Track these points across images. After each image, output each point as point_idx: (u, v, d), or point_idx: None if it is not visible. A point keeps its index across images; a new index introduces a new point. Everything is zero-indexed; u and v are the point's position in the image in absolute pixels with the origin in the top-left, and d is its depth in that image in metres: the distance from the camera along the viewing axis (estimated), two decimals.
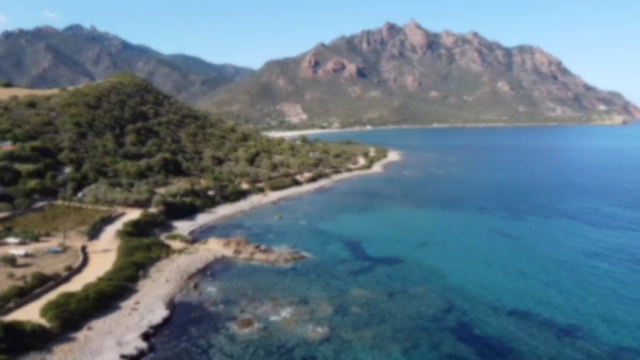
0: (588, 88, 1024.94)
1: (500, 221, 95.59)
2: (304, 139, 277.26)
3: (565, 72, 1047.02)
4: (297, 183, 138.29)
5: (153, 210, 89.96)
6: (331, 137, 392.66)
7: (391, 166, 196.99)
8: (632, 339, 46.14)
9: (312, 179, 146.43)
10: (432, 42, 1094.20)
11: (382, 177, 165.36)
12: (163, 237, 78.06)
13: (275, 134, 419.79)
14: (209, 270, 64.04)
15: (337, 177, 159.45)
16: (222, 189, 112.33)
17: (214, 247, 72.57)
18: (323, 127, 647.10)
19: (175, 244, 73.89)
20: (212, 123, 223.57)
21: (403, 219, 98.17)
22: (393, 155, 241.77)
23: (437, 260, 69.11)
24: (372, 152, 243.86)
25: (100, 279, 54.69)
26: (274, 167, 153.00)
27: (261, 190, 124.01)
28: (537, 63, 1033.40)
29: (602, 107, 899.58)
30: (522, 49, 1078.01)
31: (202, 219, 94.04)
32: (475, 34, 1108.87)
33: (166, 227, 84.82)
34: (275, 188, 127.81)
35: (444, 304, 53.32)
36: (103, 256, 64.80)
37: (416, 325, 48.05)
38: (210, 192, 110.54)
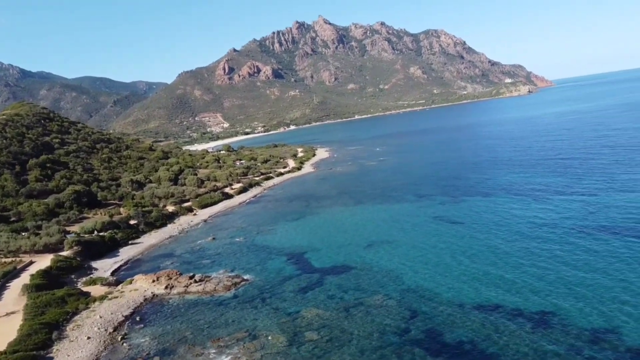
0: (493, 63, 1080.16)
1: (441, 207, 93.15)
2: (229, 148, 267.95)
3: (470, 50, 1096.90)
4: (227, 196, 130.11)
5: (66, 253, 79.18)
6: (257, 142, 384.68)
7: (322, 164, 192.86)
8: (603, 319, 43.41)
9: (243, 190, 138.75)
10: (342, 35, 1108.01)
11: (315, 177, 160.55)
12: (81, 283, 68.05)
13: (199, 147, 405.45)
14: (139, 316, 55.60)
15: (268, 183, 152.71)
16: (145, 215, 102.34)
17: (142, 286, 63.87)
18: (247, 133, 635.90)
19: (96, 290, 64.35)
20: (127, 144, 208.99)
21: (344, 220, 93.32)
22: (322, 153, 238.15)
23: (388, 261, 64.62)
24: (300, 153, 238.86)
25: (1, 354, 45.03)
26: (201, 182, 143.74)
27: (189, 210, 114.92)
28: (444, 45, 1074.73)
29: (508, 80, 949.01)
30: (427, 33, 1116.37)
31: (126, 253, 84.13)
32: (383, 24, 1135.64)
33: (84, 270, 74.45)
34: (204, 205, 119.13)
35: (406, 311, 48.60)
36: (6, 322, 54.45)
37: (381, 343, 42.85)
38: (132, 221, 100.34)
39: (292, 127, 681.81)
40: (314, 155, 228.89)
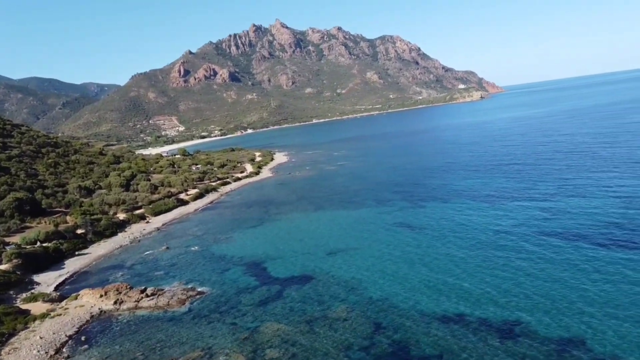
0: (446, 70, 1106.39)
1: (402, 212, 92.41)
2: (184, 152, 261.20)
3: (424, 57, 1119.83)
4: (182, 203, 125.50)
5: (5, 266, 73.36)
6: (213, 146, 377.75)
7: (280, 169, 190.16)
8: (564, 330, 42.95)
9: (199, 196, 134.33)
10: (300, 40, 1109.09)
11: (274, 181, 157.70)
12: (20, 300, 62.86)
13: (153, 151, 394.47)
14: (84, 335, 51.46)
15: (226, 188, 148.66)
16: (94, 224, 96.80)
17: (89, 302, 59.52)
18: (203, 137, 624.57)
19: (37, 307, 59.47)
20: (75, 149, 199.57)
21: (304, 227, 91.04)
22: (280, 157, 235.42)
23: (350, 270, 62.83)
24: (258, 157, 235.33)
25: None
26: (154, 188, 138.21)
27: (142, 217, 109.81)
28: (399, 51, 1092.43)
29: (461, 86, 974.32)
30: (383, 39, 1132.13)
31: (72, 265, 78.83)
32: (340, 29, 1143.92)
33: (25, 285, 68.98)
34: (158, 212, 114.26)
35: (371, 325, 46.80)
36: None
37: None
38: (80, 231, 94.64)
39: (250, 131, 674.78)
40: (272, 159, 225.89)
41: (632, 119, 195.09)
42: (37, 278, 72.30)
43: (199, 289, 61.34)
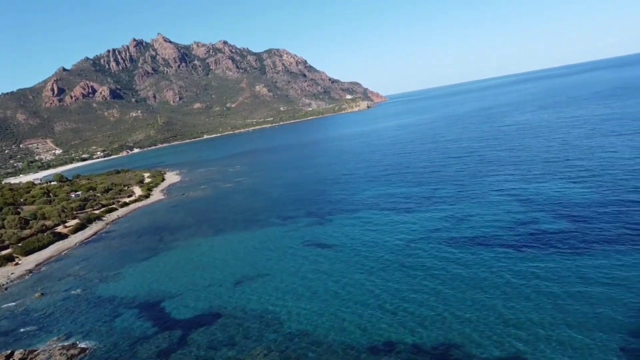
0: (333, 81, 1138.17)
1: (309, 229, 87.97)
2: (62, 178, 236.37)
3: (311, 69, 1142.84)
4: (60, 237, 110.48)
5: None
6: (96, 169, 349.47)
7: (173, 189, 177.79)
8: (497, 348, 40.69)
9: (80, 227, 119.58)
10: (185, 54, 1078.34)
11: (166, 204, 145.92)
12: None
13: (25, 178, 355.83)
14: None
15: (112, 216, 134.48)
16: None
17: None
18: (84, 160, 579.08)
19: None
20: None
21: (205, 254, 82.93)
22: (172, 177, 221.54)
23: (262, 301, 56.68)
24: (147, 178, 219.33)
25: None
26: (25, 222, 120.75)
27: (9, 259, 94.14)
28: (286, 64, 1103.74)
29: (348, 97, 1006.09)
30: (270, 52, 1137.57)
31: None
32: (226, 43, 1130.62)
33: None
34: (29, 251, 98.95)
35: None
36: None
37: None
38: None
39: (137, 150, 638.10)
40: (163, 179, 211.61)
41: (505, 122, 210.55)
42: None
43: (82, 345, 51.44)
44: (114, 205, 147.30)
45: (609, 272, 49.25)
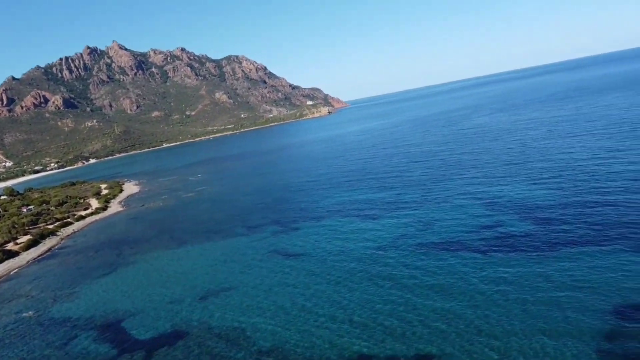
0: (294, 87, 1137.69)
1: (275, 238, 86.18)
2: (12, 192, 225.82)
3: (272, 76, 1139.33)
4: (10, 255, 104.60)
5: None
6: (50, 181, 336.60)
7: (132, 201, 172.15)
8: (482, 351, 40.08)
9: (33, 243, 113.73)
10: (141, 62, 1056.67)
11: (126, 216, 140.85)
12: None
13: None
14: None
15: (67, 230, 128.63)
16: None
17: None
18: (37, 172, 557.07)
19: None
20: None
21: (168, 268, 79.84)
22: (130, 188, 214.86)
23: (228, 317, 54.59)
24: (105, 189, 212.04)
25: None
26: None
27: None
28: (246, 71, 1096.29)
29: (309, 103, 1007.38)
30: (229, 59, 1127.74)
31: None
32: (184, 50, 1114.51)
33: None
34: None
35: None
36: None
37: None
38: None
39: (93, 161, 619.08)
40: (122, 190, 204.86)
41: (464, 125, 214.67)
42: None
43: None
44: (69, 219, 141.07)
45: (574, 274, 49.71)
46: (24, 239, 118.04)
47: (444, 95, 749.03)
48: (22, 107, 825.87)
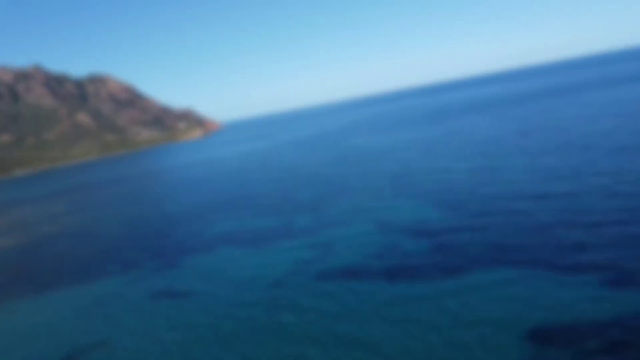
0: (165, 108, 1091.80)
1: (157, 276, 76.36)
2: None
3: (140, 96, 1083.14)
4: None
5: None
6: None
7: None
8: None
9: None
10: None
11: None
12: None
13: None
14: None
15: None
16: None
17: None
18: None
19: None
20: None
21: (23, 322, 66.13)
22: None
23: None
24: None
25: None
26: None
27: None
28: (112, 91, 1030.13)
29: (181, 125, 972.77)
30: (93, 78, 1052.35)
31: None
32: (39, 67, 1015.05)
33: None
34: None
35: None
36: None
37: None
38: None
39: None
40: None
41: (346, 145, 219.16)
42: None
43: None
44: None
45: (484, 294, 48.70)
46: None
47: (327, 115, 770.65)
48: None
